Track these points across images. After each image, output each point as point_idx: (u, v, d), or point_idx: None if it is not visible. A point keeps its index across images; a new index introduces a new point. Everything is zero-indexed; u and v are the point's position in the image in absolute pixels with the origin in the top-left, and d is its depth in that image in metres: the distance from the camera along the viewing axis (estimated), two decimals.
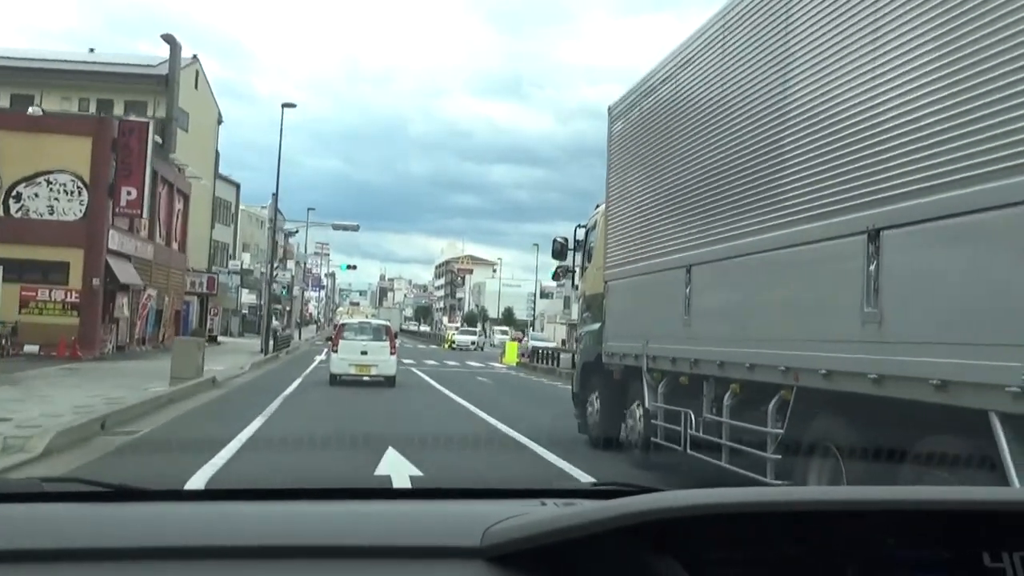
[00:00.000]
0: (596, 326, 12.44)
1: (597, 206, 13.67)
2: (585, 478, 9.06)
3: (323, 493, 1.97)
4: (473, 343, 65.72)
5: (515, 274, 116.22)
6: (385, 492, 2.06)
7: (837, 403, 6.28)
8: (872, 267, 5.80)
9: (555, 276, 16.13)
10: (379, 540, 1.53)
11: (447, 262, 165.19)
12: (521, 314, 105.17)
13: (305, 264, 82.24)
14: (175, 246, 39.48)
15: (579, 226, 14.43)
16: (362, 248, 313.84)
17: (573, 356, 15.76)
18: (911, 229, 5.48)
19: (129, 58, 44.46)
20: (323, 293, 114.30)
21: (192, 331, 39.70)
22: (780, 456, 6.98)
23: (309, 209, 58.49)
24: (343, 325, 25.59)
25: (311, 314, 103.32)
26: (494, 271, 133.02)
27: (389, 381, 22.42)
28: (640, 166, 10.93)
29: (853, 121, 6.11)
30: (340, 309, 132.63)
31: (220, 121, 51.38)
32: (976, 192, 4.87)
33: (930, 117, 5.32)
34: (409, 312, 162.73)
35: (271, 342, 36.90)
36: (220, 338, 45.59)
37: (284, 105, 39.19)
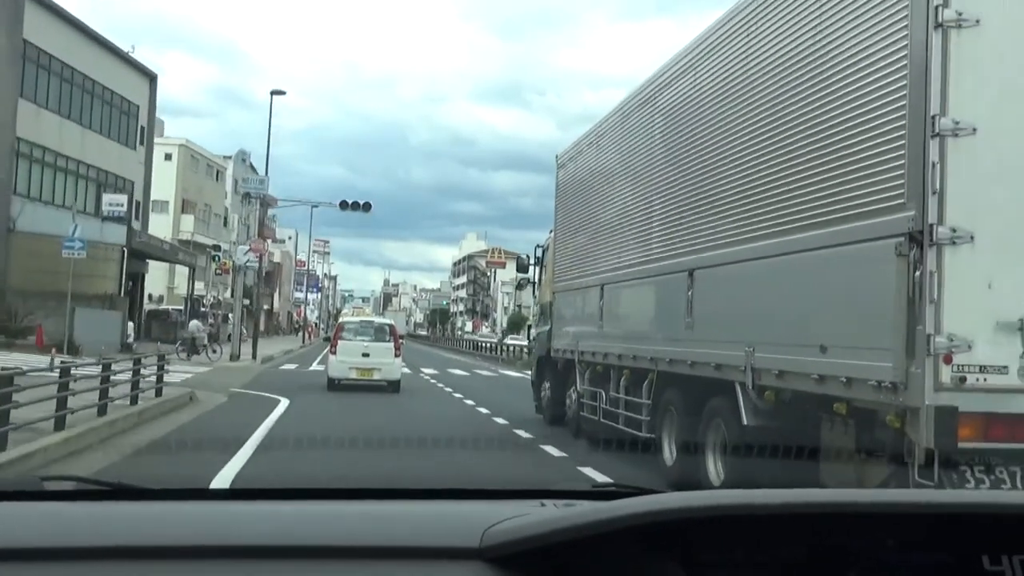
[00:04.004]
0: (547, 327, 15.75)
1: (551, 231, 16.98)
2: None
3: (321, 493, 1.98)
4: None
5: None
6: (384, 492, 2.06)
7: (675, 381, 9.59)
8: (690, 293, 9.12)
9: (519, 286, 19.38)
10: (378, 540, 1.54)
11: (469, 257, 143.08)
12: None
13: (269, 222, 54.96)
14: None
15: (538, 246, 17.77)
16: (363, 255, 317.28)
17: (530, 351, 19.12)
18: (710, 270, 8.81)
19: None
20: (320, 295, 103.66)
21: None
22: (649, 418, 10.29)
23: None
24: (342, 324, 23.20)
25: (302, 318, 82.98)
26: None
27: (393, 386, 20.35)
28: (575, 205, 14.28)
29: (681, 198, 9.46)
30: (344, 311, 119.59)
31: None
32: (731, 251, 8.22)
33: (713, 206, 8.67)
34: (419, 317, 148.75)
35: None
36: None
37: None
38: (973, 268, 5.43)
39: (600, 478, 8.75)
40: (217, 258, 39.50)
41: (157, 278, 45.60)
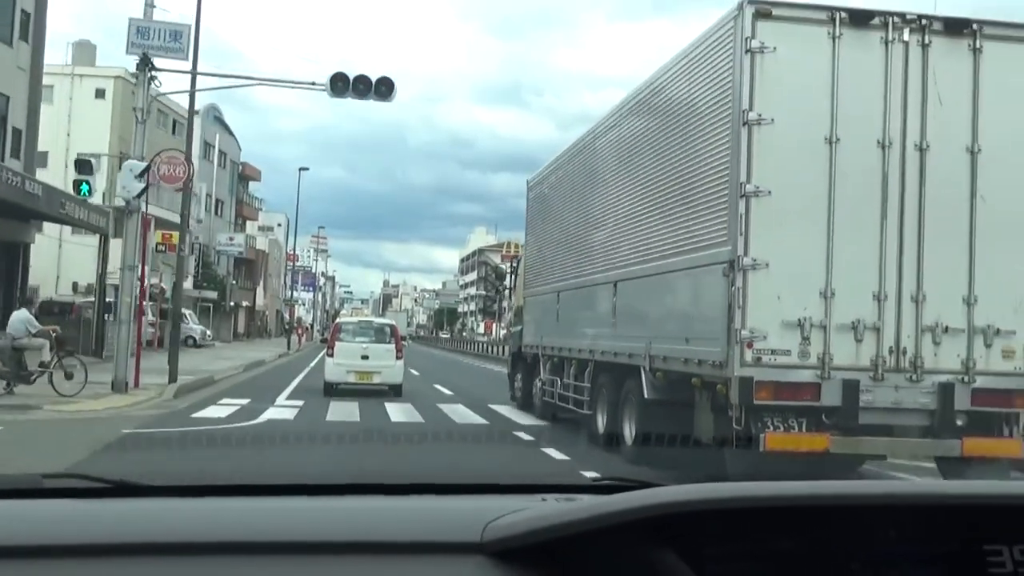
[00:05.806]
0: (519, 328, 18.50)
1: (524, 243, 19.78)
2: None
3: (323, 489, 1.99)
4: None
5: None
6: (385, 487, 2.02)
7: (606, 368, 12.33)
8: (615, 299, 11.87)
9: (498, 291, 22.11)
10: (379, 536, 1.55)
11: (479, 251, 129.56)
12: None
13: (248, 199, 51.64)
14: None
15: (514, 257, 20.55)
16: (362, 257, 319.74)
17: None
18: (625, 282, 11.56)
19: None
20: (317, 293, 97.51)
21: None
22: (588, 398, 13.03)
23: None
24: (339, 325, 22.17)
25: (292, 318, 69.18)
26: None
27: (395, 390, 19.22)
28: (539, 224, 17.09)
29: (607, 224, 12.24)
30: (343, 312, 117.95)
31: None
32: (635, 268, 10.97)
33: (623, 234, 11.45)
34: (422, 318, 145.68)
35: None
36: None
37: None
38: (768, 286, 8.16)
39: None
40: (85, 186, 18.99)
41: (79, 258, 31.54)
